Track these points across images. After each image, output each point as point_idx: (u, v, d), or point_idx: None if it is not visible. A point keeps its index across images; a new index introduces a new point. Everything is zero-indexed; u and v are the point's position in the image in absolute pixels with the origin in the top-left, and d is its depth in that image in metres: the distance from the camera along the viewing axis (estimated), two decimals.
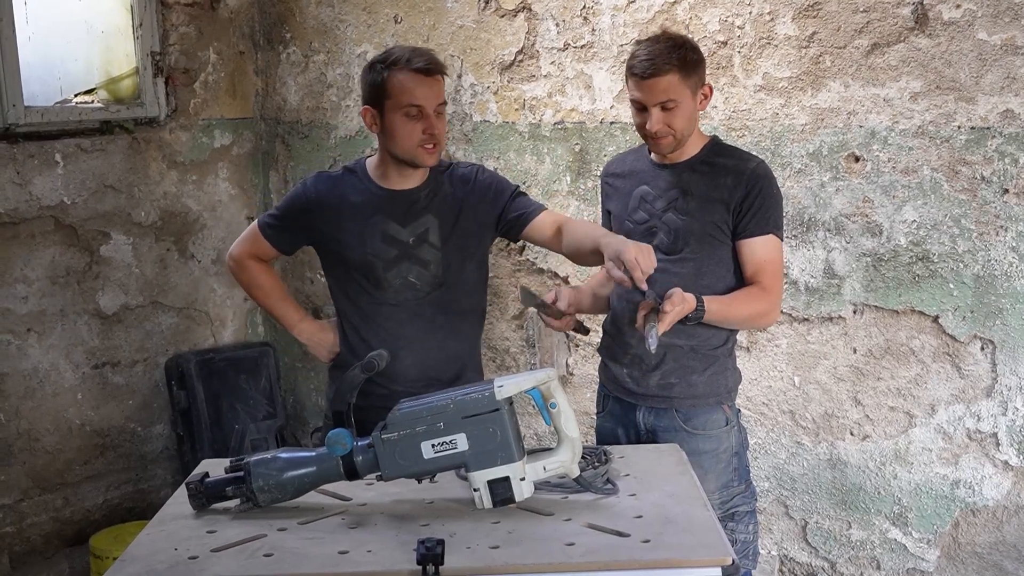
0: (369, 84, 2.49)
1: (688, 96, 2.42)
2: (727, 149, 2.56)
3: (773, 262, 2.48)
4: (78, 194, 3.83)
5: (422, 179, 2.57)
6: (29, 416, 3.75)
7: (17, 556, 3.74)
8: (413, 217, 2.55)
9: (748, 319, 2.51)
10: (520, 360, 3.82)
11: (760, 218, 2.45)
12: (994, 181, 2.84)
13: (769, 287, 2.46)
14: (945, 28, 2.84)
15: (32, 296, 3.73)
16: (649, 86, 2.39)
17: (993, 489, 2.96)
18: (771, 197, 2.47)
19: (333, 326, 2.70)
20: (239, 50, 4.36)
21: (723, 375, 2.54)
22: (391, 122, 2.46)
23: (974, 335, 2.92)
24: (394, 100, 2.44)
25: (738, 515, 2.53)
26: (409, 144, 2.46)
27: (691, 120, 2.46)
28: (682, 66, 2.40)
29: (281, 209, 2.67)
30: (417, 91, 2.43)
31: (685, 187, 2.48)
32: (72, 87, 3.94)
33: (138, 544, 1.85)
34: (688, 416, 2.51)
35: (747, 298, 2.46)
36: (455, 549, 1.75)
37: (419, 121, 2.44)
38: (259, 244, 2.68)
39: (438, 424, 1.89)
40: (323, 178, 2.62)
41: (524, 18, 3.59)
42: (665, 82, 2.38)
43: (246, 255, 2.71)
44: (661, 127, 2.41)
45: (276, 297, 2.78)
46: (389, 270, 2.54)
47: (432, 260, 2.55)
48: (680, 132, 2.44)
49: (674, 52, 2.40)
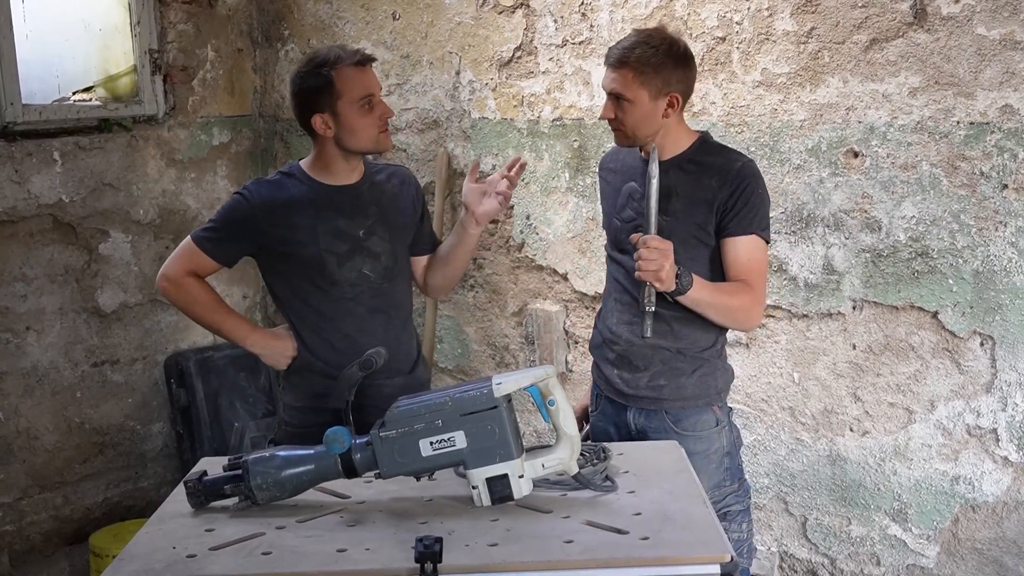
0: (312, 90, 2.48)
1: (644, 97, 2.38)
2: (716, 148, 2.51)
3: (758, 262, 2.43)
4: (76, 192, 3.82)
5: (361, 173, 2.60)
6: (28, 414, 3.75)
7: (17, 555, 3.75)
8: (359, 210, 2.57)
9: (732, 311, 2.43)
10: (519, 357, 3.82)
11: (744, 218, 2.40)
12: (993, 176, 2.83)
13: (753, 286, 2.43)
14: (944, 23, 2.83)
15: (31, 294, 3.73)
16: (608, 74, 2.41)
17: (993, 485, 2.96)
18: (756, 197, 2.42)
19: (287, 332, 2.63)
20: (237, 47, 4.35)
21: (712, 376, 2.52)
22: (348, 119, 2.47)
23: (973, 331, 2.92)
24: (347, 96, 2.46)
25: (731, 514, 2.53)
26: (370, 134, 2.50)
27: (644, 121, 2.41)
28: (640, 66, 2.36)
29: (220, 221, 2.58)
30: (365, 82, 2.48)
31: (671, 186, 2.43)
32: (70, 85, 3.94)
33: (136, 542, 1.85)
34: (678, 418, 2.49)
35: (734, 289, 2.42)
36: (453, 547, 1.74)
37: (373, 110, 2.49)
38: (197, 259, 2.56)
39: (436, 421, 1.88)
40: (262, 184, 2.59)
41: (522, 15, 3.58)
42: (621, 75, 2.37)
43: (182, 272, 2.56)
44: (609, 114, 2.42)
45: (221, 312, 2.63)
46: (343, 264, 2.54)
47: (383, 252, 2.59)
48: (631, 130, 2.42)
49: (644, 49, 2.37)
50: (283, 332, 2.63)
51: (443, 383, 3.92)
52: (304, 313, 2.58)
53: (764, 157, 3.12)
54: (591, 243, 3.55)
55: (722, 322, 2.47)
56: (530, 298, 3.76)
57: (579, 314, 3.63)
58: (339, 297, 2.55)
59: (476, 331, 3.93)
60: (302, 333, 2.59)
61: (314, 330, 2.58)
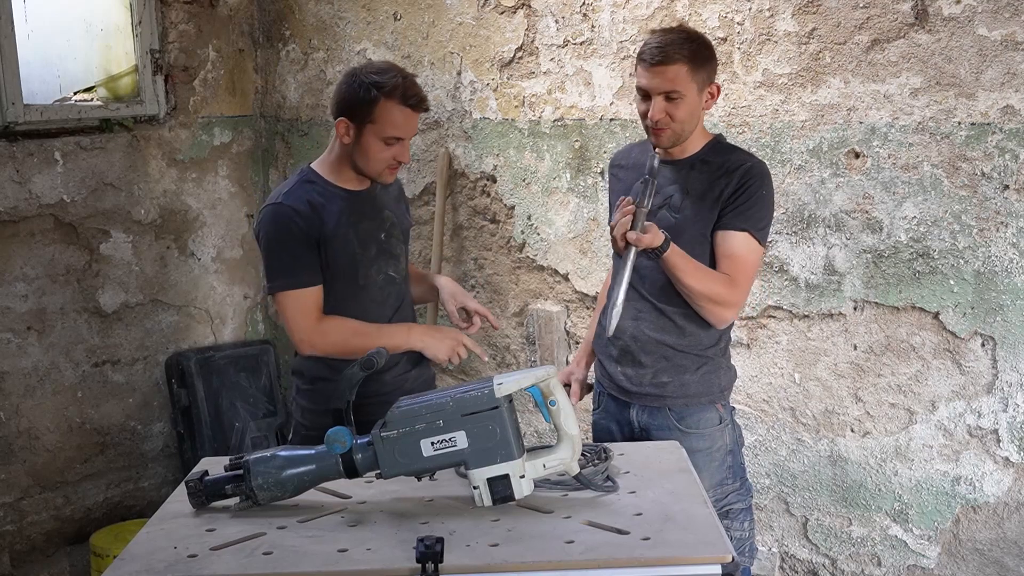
0: (354, 100, 2.43)
1: (694, 91, 2.39)
2: (729, 148, 2.52)
3: (745, 260, 2.42)
4: (78, 192, 3.83)
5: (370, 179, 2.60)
6: (29, 414, 3.75)
7: (18, 554, 3.75)
8: (377, 213, 2.60)
9: (704, 297, 2.39)
10: (520, 357, 3.82)
11: (742, 214, 2.40)
12: (994, 177, 2.83)
13: (736, 281, 2.41)
14: (945, 24, 2.83)
15: (32, 294, 3.73)
16: (656, 73, 2.36)
17: (994, 485, 2.96)
18: (759, 196, 2.42)
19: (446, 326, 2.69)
20: (238, 47, 4.36)
21: (716, 374, 2.52)
22: (368, 143, 2.45)
23: (974, 331, 2.92)
24: (378, 127, 2.43)
25: (733, 512, 2.53)
26: (378, 166, 2.49)
27: (693, 116, 2.42)
28: (692, 59, 2.36)
29: (281, 248, 2.46)
30: (404, 125, 2.44)
31: (684, 185, 2.44)
32: (71, 85, 3.94)
33: (137, 542, 1.85)
34: (681, 415, 2.50)
35: (713, 276, 2.40)
36: (454, 547, 1.74)
37: (393, 148, 2.46)
38: (310, 299, 2.46)
39: (437, 422, 1.88)
40: (291, 196, 2.49)
41: (523, 15, 3.58)
42: (672, 71, 2.35)
43: (312, 323, 2.45)
44: (662, 117, 2.38)
45: (372, 331, 2.51)
46: (371, 267, 2.56)
47: (400, 253, 2.65)
48: (681, 126, 2.41)
49: (686, 44, 2.37)
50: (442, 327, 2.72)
51: (444, 383, 3.92)
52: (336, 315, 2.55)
53: (765, 158, 3.11)
54: (592, 243, 3.55)
55: (697, 303, 2.42)
56: (531, 298, 3.76)
57: (580, 314, 3.63)
58: (368, 300, 2.57)
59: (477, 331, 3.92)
60: None
61: None
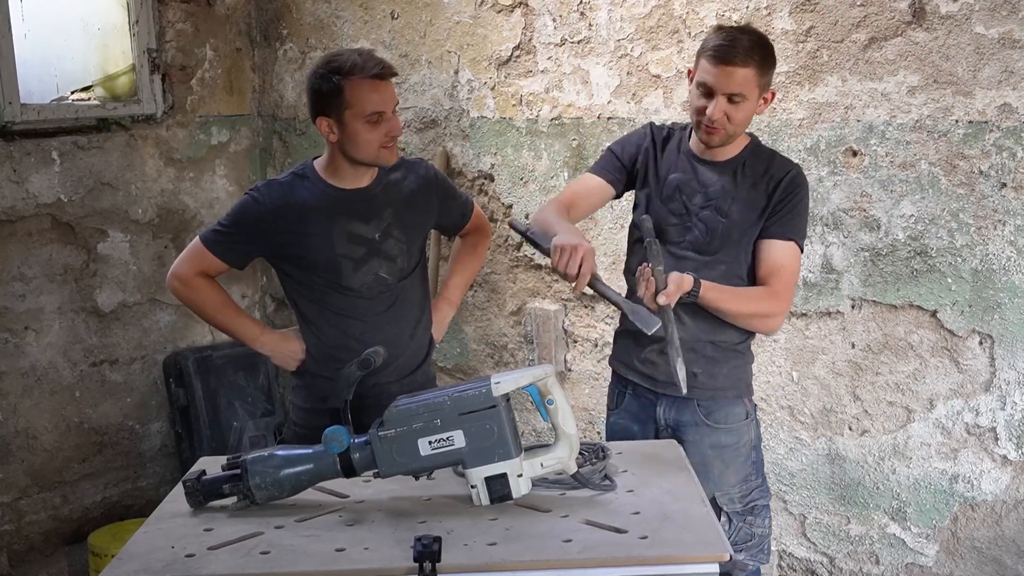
0: (321, 95, 2.43)
1: (756, 96, 2.38)
2: (767, 153, 2.53)
3: (788, 268, 2.44)
4: (75, 192, 3.82)
5: (374, 175, 2.57)
6: (27, 414, 3.75)
7: (16, 554, 3.75)
8: (375, 213, 2.54)
9: (749, 316, 2.44)
10: (518, 356, 3.82)
11: (787, 223, 2.42)
12: (992, 175, 2.83)
13: (779, 292, 2.43)
14: (942, 22, 2.83)
15: (30, 294, 3.72)
16: (725, 73, 2.33)
17: (992, 484, 2.96)
18: (802, 206, 2.45)
19: (296, 334, 2.61)
20: (236, 47, 4.35)
21: (743, 368, 2.53)
22: (353, 131, 2.42)
23: (972, 329, 2.92)
24: (355, 110, 2.40)
25: (756, 508, 2.51)
26: (372, 149, 2.46)
27: (748, 120, 2.41)
28: (761, 63, 2.35)
29: (230, 222, 2.53)
30: (377, 98, 2.41)
31: (728, 188, 2.44)
32: (69, 84, 3.94)
33: (135, 542, 1.85)
34: (709, 410, 2.48)
35: (753, 296, 2.43)
36: (452, 546, 1.74)
37: (380, 125, 2.43)
38: (207, 260, 2.54)
39: (435, 421, 1.88)
40: (274, 186, 2.53)
41: (521, 13, 3.58)
42: (742, 74, 2.32)
43: (192, 272, 2.54)
44: (721, 117, 2.35)
45: (230, 313, 2.61)
46: (359, 268, 2.52)
47: (398, 253, 2.57)
48: (735, 128, 2.40)
49: (758, 47, 2.35)
50: (293, 334, 2.62)
51: (442, 382, 3.92)
52: (319, 312, 2.56)
53: None
54: (590, 242, 3.53)
55: (743, 323, 2.46)
56: (529, 297, 3.75)
57: (578, 313, 3.63)
58: (354, 299, 2.54)
59: (475, 330, 3.93)
60: (318, 332, 2.57)
61: (327, 331, 2.56)
